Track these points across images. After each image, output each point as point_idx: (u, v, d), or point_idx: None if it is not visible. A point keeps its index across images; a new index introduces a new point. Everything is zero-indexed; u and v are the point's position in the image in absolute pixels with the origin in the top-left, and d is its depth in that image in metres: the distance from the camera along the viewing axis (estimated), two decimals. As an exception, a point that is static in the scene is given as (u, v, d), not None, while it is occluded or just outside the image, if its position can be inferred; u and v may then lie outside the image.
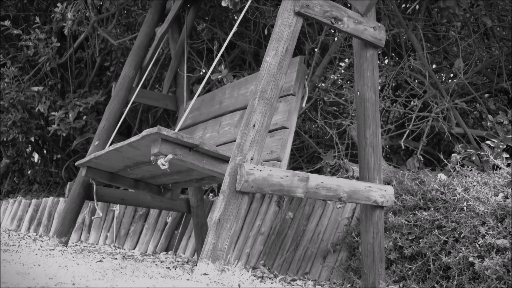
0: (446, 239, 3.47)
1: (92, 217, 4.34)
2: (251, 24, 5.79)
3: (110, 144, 4.49)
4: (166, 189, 4.40)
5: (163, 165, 2.95)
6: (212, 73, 4.85)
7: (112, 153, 3.47)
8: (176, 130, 3.27)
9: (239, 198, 2.74)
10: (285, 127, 3.34)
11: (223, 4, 3.74)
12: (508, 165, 4.01)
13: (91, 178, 4.11)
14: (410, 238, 3.62)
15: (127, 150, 3.33)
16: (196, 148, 3.04)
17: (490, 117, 4.47)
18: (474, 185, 3.60)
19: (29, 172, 7.74)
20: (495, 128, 4.39)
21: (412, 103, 4.91)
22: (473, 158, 4.35)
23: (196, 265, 2.90)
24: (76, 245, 5.01)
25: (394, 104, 5.17)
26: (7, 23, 5.82)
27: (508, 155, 4.23)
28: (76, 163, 4.05)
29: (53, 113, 6.01)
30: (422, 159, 4.76)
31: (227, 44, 5.99)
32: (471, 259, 3.27)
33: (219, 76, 4.76)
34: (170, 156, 2.95)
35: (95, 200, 4.25)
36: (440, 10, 4.40)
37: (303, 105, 3.53)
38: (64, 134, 6.03)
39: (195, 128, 4.40)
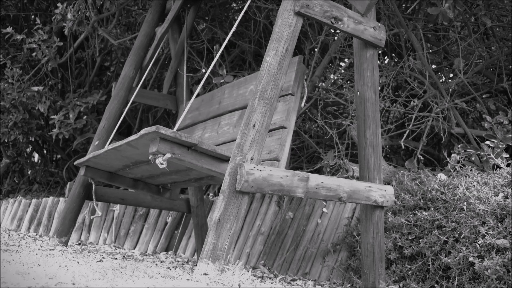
0: (446, 239, 3.47)
1: (92, 216, 4.36)
2: (251, 24, 5.79)
3: (110, 144, 4.49)
4: (165, 188, 4.40)
5: (161, 164, 2.95)
6: (212, 74, 4.83)
7: (111, 152, 3.47)
8: (175, 129, 3.26)
9: (239, 198, 2.74)
10: (284, 126, 3.32)
11: None
12: (508, 165, 4.01)
13: (90, 178, 4.12)
14: (410, 238, 3.62)
15: (126, 149, 3.33)
16: (195, 147, 3.04)
17: (488, 118, 4.46)
18: (474, 185, 3.60)
19: (29, 172, 7.74)
20: (494, 129, 4.38)
21: (412, 103, 4.91)
22: (473, 158, 4.34)
23: (196, 265, 2.90)
24: (76, 245, 5.01)
25: (394, 104, 5.16)
26: (9, 29, 5.81)
27: (508, 155, 4.23)
28: (75, 162, 4.05)
29: (52, 117, 6.01)
30: (422, 158, 4.75)
31: (227, 44, 6.02)
32: (471, 259, 3.27)
33: (221, 81, 4.75)
34: (168, 155, 2.95)
35: (94, 200, 4.26)
36: (428, 16, 4.44)
37: (302, 105, 3.52)
38: (66, 137, 6.03)
39: (194, 128, 4.40)
